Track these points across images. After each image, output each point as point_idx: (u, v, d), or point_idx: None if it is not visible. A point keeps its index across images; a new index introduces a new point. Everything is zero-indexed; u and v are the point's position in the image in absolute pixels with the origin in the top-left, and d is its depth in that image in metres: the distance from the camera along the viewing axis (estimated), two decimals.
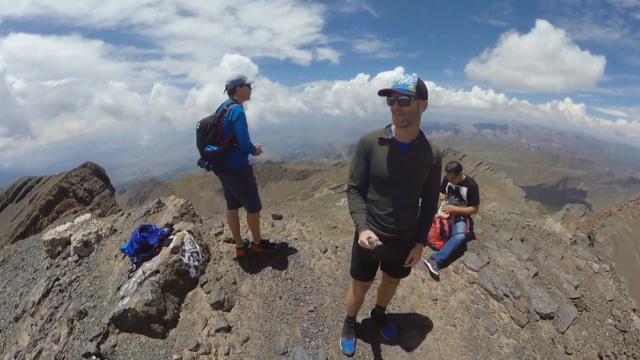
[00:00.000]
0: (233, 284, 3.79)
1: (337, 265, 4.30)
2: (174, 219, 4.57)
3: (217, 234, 4.52)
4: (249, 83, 3.56)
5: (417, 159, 2.36)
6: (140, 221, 4.88)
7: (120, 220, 5.16)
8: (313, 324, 3.47)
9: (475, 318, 3.82)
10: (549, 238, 5.33)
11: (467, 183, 4.71)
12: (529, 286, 4.17)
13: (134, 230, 4.27)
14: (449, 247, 4.45)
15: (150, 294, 3.29)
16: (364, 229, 2.37)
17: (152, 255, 3.69)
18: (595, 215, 16.17)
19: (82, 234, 4.45)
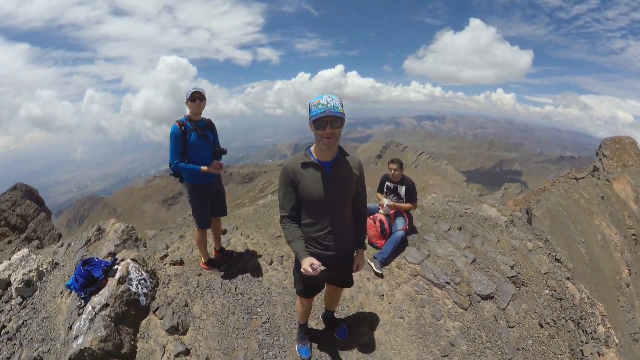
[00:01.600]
0: (185, 306, 4.12)
1: (284, 275, 4.73)
2: (116, 247, 4.80)
3: (162, 257, 4.84)
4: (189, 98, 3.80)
5: (343, 173, 2.63)
6: (81, 251, 5.06)
7: (61, 252, 5.30)
8: (268, 334, 3.88)
9: (421, 307, 4.37)
10: (485, 223, 6.02)
11: (405, 182, 5.26)
12: (468, 272, 4.80)
13: (76, 263, 4.47)
14: (390, 245, 4.99)
15: (103, 329, 3.53)
16: (305, 257, 2.52)
17: (98, 288, 3.90)
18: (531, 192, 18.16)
19: (22, 272, 4.58)
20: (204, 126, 4.00)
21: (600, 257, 11.56)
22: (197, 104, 3.82)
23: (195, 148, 3.89)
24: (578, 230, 11.99)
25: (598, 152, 18.99)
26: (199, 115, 3.93)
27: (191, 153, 3.90)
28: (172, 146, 3.80)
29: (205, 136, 3.97)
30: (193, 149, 3.89)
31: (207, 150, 4.01)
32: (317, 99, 2.35)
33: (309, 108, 2.38)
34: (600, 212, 13.28)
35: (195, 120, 3.91)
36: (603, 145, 18.80)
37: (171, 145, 3.80)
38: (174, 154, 3.82)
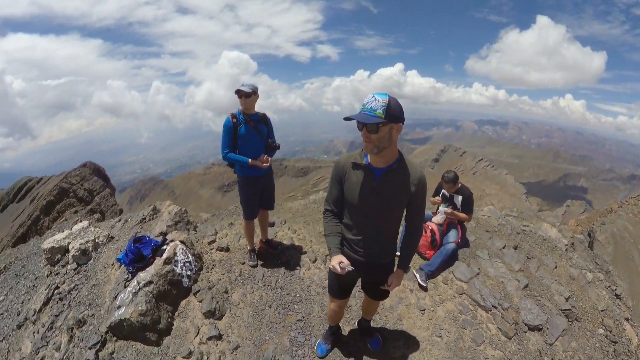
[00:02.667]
0: (225, 293, 4.17)
1: (326, 275, 4.63)
2: (167, 228, 4.97)
3: (210, 242, 4.92)
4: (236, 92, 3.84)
5: (393, 185, 2.34)
6: (136, 228, 5.30)
7: (117, 227, 5.60)
8: (301, 333, 3.83)
9: (462, 329, 4.10)
10: (544, 245, 5.58)
11: (462, 191, 4.91)
12: (518, 298, 4.44)
13: (129, 238, 4.68)
14: (439, 258, 4.71)
15: (144, 304, 3.66)
16: (336, 254, 2.46)
17: (146, 265, 4.09)
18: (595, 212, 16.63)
19: (80, 242, 4.87)
20: (258, 120, 4.03)
21: None
22: (242, 100, 3.85)
23: (246, 140, 3.94)
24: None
25: None
26: (251, 109, 3.97)
27: (242, 145, 3.96)
28: (223, 137, 3.89)
29: (258, 129, 4.00)
30: (244, 141, 3.94)
31: (259, 143, 4.03)
32: (368, 98, 2.13)
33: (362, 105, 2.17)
34: None
35: (248, 114, 3.96)
36: None
37: (223, 136, 3.89)
38: (224, 144, 3.91)
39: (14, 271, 5.91)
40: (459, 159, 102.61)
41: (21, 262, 6.14)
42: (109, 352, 3.47)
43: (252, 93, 3.84)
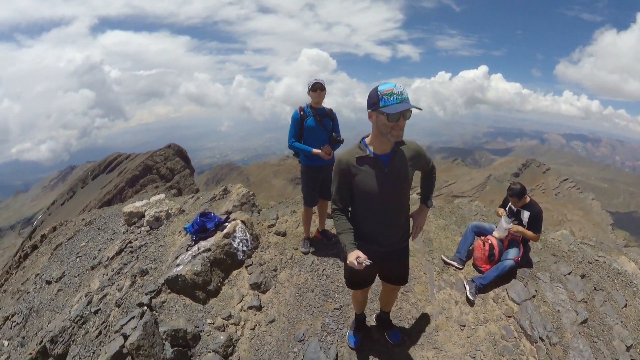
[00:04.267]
0: (273, 271, 4.43)
1: None
2: (234, 207, 5.43)
3: (269, 225, 5.24)
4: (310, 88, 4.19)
5: (399, 165, 2.48)
6: (205, 205, 5.84)
7: (190, 202, 6.20)
8: (335, 320, 3.89)
9: (500, 355, 3.82)
10: (617, 278, 5.02)
11: (530, 207, 4.55)
12: (571, 334, 4.02)
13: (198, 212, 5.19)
14: (494, 273, 4.43)
15: (200, 266, 4.04)
16: (352, 250, 2.46)
17: (208, 236, 4.54)
18: None
19: (155, 210, 5.50)
20: (324, 114, 4.30)
21: None
22: (317, 93, 4.15)
23: (311, 132, 4.22)
24: None
25: None
26: (320, 103, 4.26)
27: (308, 136, 4.24)
28: (291, 127, 4.22)
29: (323, 123, 4.26)
30: (310, 133, 4.23)
31: (324, 136, 4.27)
32: (389, 87, 2.21)
33: (378, 96, 2.22)
34: None
35: (315, 108, 4.25)
36: None
37: (290, 126, 4.23)
38: (291, 134, 4.23)
39: (97, 225, 6.79)
40: (541, 176, 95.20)
41: (103, 219, 7.03)
42: (161, 300, 3.86)
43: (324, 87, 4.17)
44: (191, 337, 3.57)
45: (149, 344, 3.40)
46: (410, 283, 4.36)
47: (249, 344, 3.68)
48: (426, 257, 4.89)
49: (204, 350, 3.53)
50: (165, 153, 43.05)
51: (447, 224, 5.82)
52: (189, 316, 3.77)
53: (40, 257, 7.14)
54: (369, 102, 2.30)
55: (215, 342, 3.56)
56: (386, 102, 2.19)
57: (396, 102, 2.18)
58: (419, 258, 4.86)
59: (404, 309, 4.10)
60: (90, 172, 57.59)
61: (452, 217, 6.25)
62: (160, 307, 3.82)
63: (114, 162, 52.61)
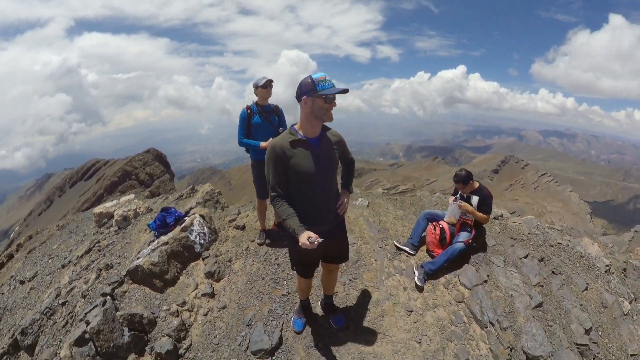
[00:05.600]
0: (228, 261, 5.60)
1: None
2: (197, 204, 6.67)
3: (230, 220, 6.47)
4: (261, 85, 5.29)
5: (327, 147, 3.38)
6: (173, 203, 7.13)
7: (158, 202, 7.52)
8: (282, 306, 4.97)
9: (447, 340, 4.56)
10: (579, 262, 5.81)
11: (479, 192, 5.44)
12: (524, 318, 4.70)
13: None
14: (444, 257, 5.26)
15: (157, 257, 5.23)
16: (302, 231, 3.08)
17: (168, 231, 5.77)
18: None
19: (123, 210, 6.81)
20: (270, 110, 5.45)
21: None
22: (268, 90, 5.33)
23: (258, 128, 5.37)
24: None
25: None
26: (267, 100, 5.43)
27: (255, 133, 5.38)
28: (239, 125, 5.37)
29: (269, 119, 5.42)
30: (257, 129, 5.37)
31: (271, 131, 5.38)
32: (321, 75, 3.08)
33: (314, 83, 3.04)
34: None
35: (261, 105, 5.40)
36: None
37: (239, 124, 5.37)
38: (239, 132, 5.37)
39: (69, 229, 8.32)
40: (520, 171, 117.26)
41: (76, 223, 8.57)
42: (123, 290, 5.05)
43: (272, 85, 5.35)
44: (147, 322, 4.69)
45: (109, 329, 4.53)
46: (360, 270, 5.42)
47: (201, 329, 4.80)
48: (379, 244, 5.92)
49: (159, 334, 4.64)
50: (144, 158, 49.03)
51: (406, 214, 6.87)
52: (147, 303, 4.94)
53: (16, 263, 8.66)
54: (303, 89, 3.11)
55: (169, 326, 4.68)
56: (322, 87, 3.05)
57: (330, 87, 3.07)
58: (372, 245, 5.91)
59: (351, 296, 5.12)
60: (67, 180, 64.16)
61: (412, 207, 7.30)
62: (122, 296, 5.00)
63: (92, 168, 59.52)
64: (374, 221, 6.56)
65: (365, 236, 6.14)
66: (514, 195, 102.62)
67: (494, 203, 5.77)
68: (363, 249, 5.84)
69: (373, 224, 6.45)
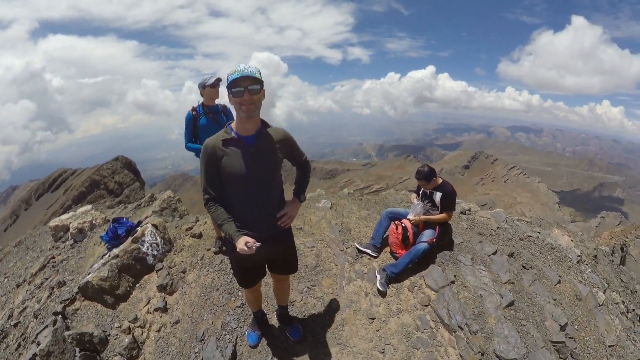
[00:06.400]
0: (182, 272, 5.97)
1: None
2: (153, 213, 7.07)
3: (187, 228, 6.85)
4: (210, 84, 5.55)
5: (266, 147, 3.30)
6: (131, 213, 7.55)
7: (117, 212, 7.91)
8: (235, 319, 5.28)
9: (413, 348, 4.78)
10: (550, 254, 6.16)
11: (442, 188, 5.72)
12: (495, 319, 4.96)
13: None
14: (406, 258, 5.48)
15: (107, 272, 5.62)
16: (238, 237, 3.18)
17: (120, 243, 6.16)
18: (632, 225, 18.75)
19: (79, 222, 7.24)
20: (217, 111, 5.74)
21: None
22: (216, 89, 5.60)
23: (205, 130, 5.57)
24: None
25: None
26: (214, 101, 5.72)
27: (202, 135, 5.61)
28: (185, 128, 5.66)
29: (217, 120, 5.70)
30: (204, 132, 5.59)
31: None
32: (234, 68, 3.00)
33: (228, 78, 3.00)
34: None
35: (208, 106, 5.69)
36: None
37: (185, 128, 5.66)
38: (185, 135, 5.67)
39: (26, 245, 8.84)
40: (490, 166, 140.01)
41: (33, 238, 9.09)
42: (74, 308, 5.46)
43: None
44: (98, 341, 5.05)
45: (59, 350, 4.91)
46: (319, 276, 5.75)
47: (154, 346, 5.16)
48: (340, 247, 6.22)
49: (111, 354, 4.99)
50: (113, 166, 51.52)
51: (370, 214, 7.19)
52: (99, 321, 5.33)
53: None
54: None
55: (121, 345, 5.03)
56: (230, 79, 2.98)
57: (236, 76, 2.96)
58: (333, 248, 6.22)
59: (309, 304, 5.44)
60: (33, 192, 66.27)
61: (377, 206, 7.63)
62: (74, 314, 5.39)
63: (59, 179, 62.74)
64: (337, 223, 6.85)
65: (326, 239, 6.42)
66: (485, 189, 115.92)
67: (463, 197, 6.16)
68: (323, 253, 6.13)
69: (335, 227, 6.74)
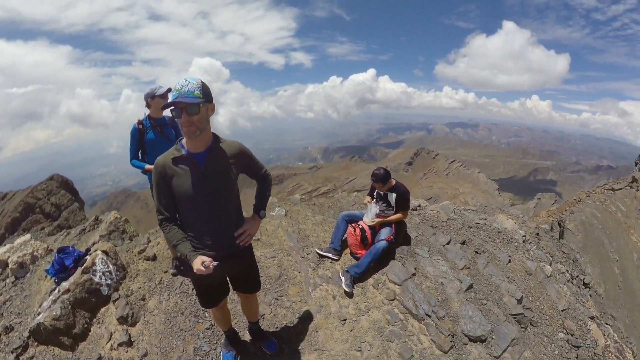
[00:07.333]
0: (141, 300, 5.47)
1: None
2: (101, 238, 6.46)
3: (140, 251, 6.29)
4: (160, 94, 5.00)
5: (218, 162, 3.09)
6: (76, 240, 6.86)
7: (60, 239, 7.20)
8: (207, 342, 4.96)
9: (388, 342, 4.87)
10: (498, 237, 6.45)
11: (396, 189, 5.82)
12: (458, 302, 5.25)
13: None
14: (368, 258, 5.55)
15: (59, 310, 5.05)
16: (194, 257, 3.02)
17: (68, 275, 5.52)
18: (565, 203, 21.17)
19: (18, 255, 6.49)
20: (165, 124, 5.21)
21: (635, 279, 13.38)
22: (166, 100, 4.96)
23: (153, 146, 5.10)
24: (613, 247, 13.38)
25: (638, 162, 22.91)
26: (161, 112, 5.15)
27: (150, 150, 5.13)
28: (130, 144, 5.10)
29: (165, 134, 5.18)
30: (152, 147, 5.11)
31: (167, 147, 5.16)
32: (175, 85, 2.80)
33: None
34: (638, 226, 15.66)
35: (155, 118, 5.14)
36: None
37: (130, 143, 5.10)
38: (130, 151, 5.12)
39: None
40: (432, 161, 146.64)
41: None
42: (29, 356, 4.87)
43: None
44: None
45: None
46: (284, 286, 5.51)
47: None
48: (300, 254, 6.04)
49: None
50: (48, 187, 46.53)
51: (325, 218, 7.08)
52: None
53: None
54: None
55: None
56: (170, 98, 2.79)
57: (172, 99, 2.77)
58: (293, 256, 6.01)
59: (279, 315, 5.22)
60: None
61: (331, 210, 7.57)
62: None
63: None
64: (294, 230, 6.69)
65: (285, 247, 6.25)
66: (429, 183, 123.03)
67: (411, 194, 6.18)
68: (285, 262, 5.93)
69: (293, 234, 6.57)
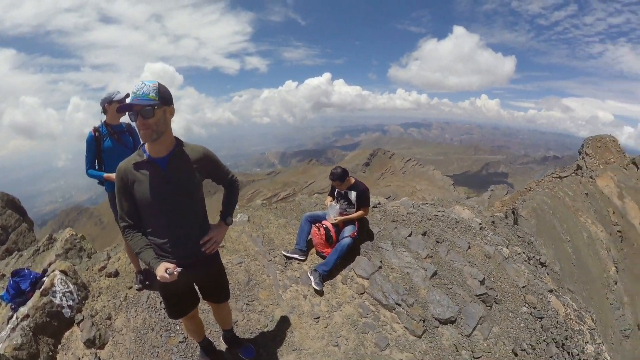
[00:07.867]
0: (107, 320, 5.14)
1: None
2: (57, 257, 6.04)
3: (100, 268, 5.93)
4: (118, 99, 4.61)
5: (181, 166, 2.96)
6: (30, 262, 6.40)
7: (12, 263, 6.72)
8: (182, 356, 4.72)
9: (363, 334, 4.90)
10: (456, 227, 6.67)
11: (356, 187, 5.88)
12: (426, 289, 5.34)
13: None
14: (334, 255, 5.57)
15: (20, 338, 4.63)
16: (157, 264, 2.89)
17: (25, 299, 5.09)
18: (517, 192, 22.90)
19: None
20: (122, 131, 4.87)
21: (587, 256, 14.18)
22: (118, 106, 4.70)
23: (111, 154, 4.75)
24: (564, 229, 14.53)
25: (581, 151, 24.23)
26: (118, 119, 4.82)
27: (107, 159, 4.78)
28: (86, 153, 4.72)
29: (122, 141, 4.83)
30: (109, 155, 4.76)
31: (125, 155, 4.77)
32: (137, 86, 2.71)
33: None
34: (585, 209, 16.38)
35: (111, 125, 4.79)
36: (585, 144, 23.98)
37: (86, 152, 4.72)
38: (87, 161, 4.76)
39: None
40: (388, 160, 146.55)
41: None
42: None
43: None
44: None
45: None
46: (254, 290, 5.36)
47: None
48: (267, 258, 5.93)
49: None
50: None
51: (288, 221, 7.04)
52: None
53: None
54: None
55: None
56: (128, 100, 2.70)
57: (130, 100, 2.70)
58: (260, 261, 5.88)
59: (253, 320, 5.06)
60: None
61: (293, 213, 7.54)
62: None
63: None
64: (258, 235, 6.58)
65: (251, 252, 6.12)
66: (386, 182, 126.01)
67: (371, 193, 6.33)
68: (252, 266, 5.80)
69: (257, 239, 6.47)
